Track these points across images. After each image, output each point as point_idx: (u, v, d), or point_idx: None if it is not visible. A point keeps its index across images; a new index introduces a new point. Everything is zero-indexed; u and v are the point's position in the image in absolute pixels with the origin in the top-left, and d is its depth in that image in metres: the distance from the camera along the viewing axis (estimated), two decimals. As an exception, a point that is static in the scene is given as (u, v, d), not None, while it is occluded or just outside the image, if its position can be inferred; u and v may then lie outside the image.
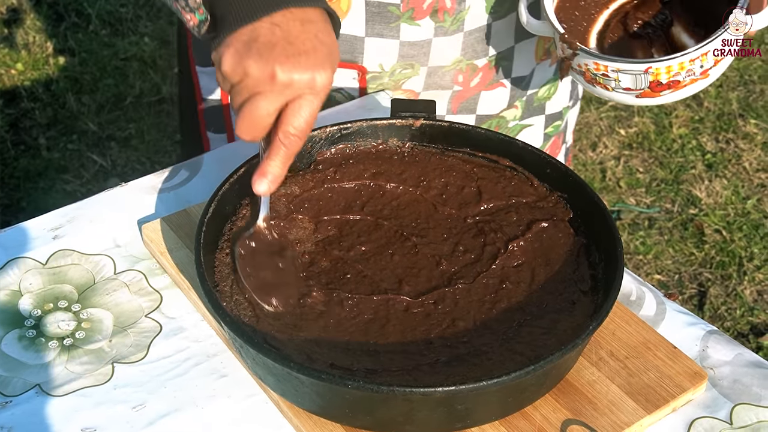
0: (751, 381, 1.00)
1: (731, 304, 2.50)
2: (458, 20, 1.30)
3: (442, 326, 0.97)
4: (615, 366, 0.99)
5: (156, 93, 3.13)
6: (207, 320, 1.05)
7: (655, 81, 1.13)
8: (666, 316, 1.07)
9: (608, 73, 1.15)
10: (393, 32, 1.30)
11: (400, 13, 1.28)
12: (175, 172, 1.24)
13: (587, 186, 1.09)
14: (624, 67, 1.13)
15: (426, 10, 1.28)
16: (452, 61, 1.35)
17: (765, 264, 2.60)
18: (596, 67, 1.15)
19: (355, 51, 1.32)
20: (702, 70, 1.12)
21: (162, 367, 1.00)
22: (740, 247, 2.65)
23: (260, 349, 0.87)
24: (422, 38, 1.31)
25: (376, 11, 1.28)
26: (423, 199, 1.14)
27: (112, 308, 1.06)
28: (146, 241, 1.13)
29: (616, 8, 1.26)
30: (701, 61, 1.12)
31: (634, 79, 1.14)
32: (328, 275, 1.02)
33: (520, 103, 1.46)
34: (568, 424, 0.94)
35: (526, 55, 1.41)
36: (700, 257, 2.64)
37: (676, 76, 1.12)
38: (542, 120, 1.51)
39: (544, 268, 1.04)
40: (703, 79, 1.14)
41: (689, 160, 2.94)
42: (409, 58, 1.33)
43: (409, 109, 1.19)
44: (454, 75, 1.37)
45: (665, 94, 1.15)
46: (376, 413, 0.88)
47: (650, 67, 1.11)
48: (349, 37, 1.31)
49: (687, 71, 1.12)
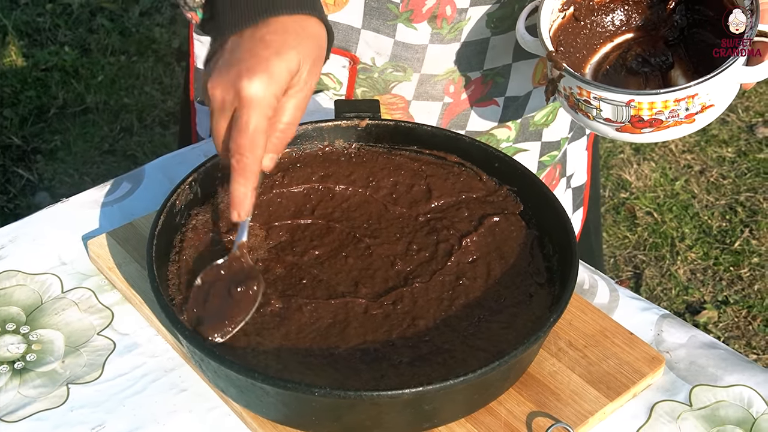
0: (706, 362, 1.02)
1: (666, 285, 2.54)
2: (456, 29, 1.28)
3: (402, 326, 0.96)
4: (574, 356, 1.00)
5: (80, 103, 3.07)
6: (162, 334, 1.03)
7: (637, 116, 1.08)
8: (620, 303, 1.09)
9: (590, 100, 1.10)
10: (389, 30, 1.28)
11: (399, 13, 1.26)
12: (117, 185, 1.22)
13: (536, 178, 1.10)
14: (606, 95, 1.08)
15: (425, 14, 1.26)
16: (445, 71, 1.33)
17: (696, 243, 2.65)
18: (579, 92, 1.11)
19: (349, 40, 1.30)
20: (687, 114, 1.07)
21: (119, 386, 0.98)
22: (671, 228, 2.70)
23: (223, 361, 0.85)
24: (418, 42, 1.29)
25: (375, 6, 1.26)
26: (373, 199, 1.13)
27: (62, 328, 1.04)
28: (93, 257, 1.11)
29: (619, 42, 1.23)
30: (687, 104, 1.07)
31: (615, 111, 1.09)
32: (283, 282, 1.01)
33: (514, 125, 1.44)
34: (533, 417, 0.94)
35: (522, 76, 1.38)
36: (633, 240, 2.68)
37: (658, 114, 1.07)
38: (538, 146, 1.48)
39: (498, 262, 1.05)
40: (687, 123, 1.09)
41: (617, 144, 2.99)
42: (402, 60, 1.31)
43: (353, 110, 1.18)
44: (446, 85, 1.35)
45: (646, 132, 1.10)
46: (343, 419, 0.87)
47: (632, 99, 1.07)
48: (345, 27, 1.29)
49: (671, 111, 1.07)
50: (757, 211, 2.74)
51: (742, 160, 2.94)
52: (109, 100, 3.09)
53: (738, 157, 2.95)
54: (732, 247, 2.64)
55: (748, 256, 2.61)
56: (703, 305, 2.47)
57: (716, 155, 2.95)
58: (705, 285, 2.54)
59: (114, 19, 3.43)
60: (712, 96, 1.07)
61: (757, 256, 2.61)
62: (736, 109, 3.11)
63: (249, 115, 0.89)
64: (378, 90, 1.35)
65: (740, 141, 3.01)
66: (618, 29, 1.23)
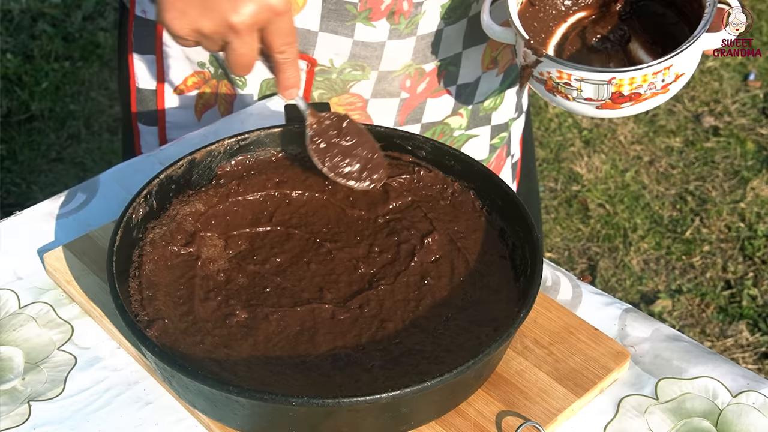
0: (671, 355, 1.03)
1: (620, 275, 2.57)
2: (413, 23, 1.28)
3: (371, 330, 0.96)
4: (541, 353, 1.00)
5: (25, 111, 3.02)
6: (124, 347, 1.01)
7: (618, 92, 1.12)
8: (583, 299, 1.09)
9: (571, 82, 1.13)
10: (347, 30, 1.28)
11: (357, 13, 1.26)
12: (72, 196, 1.20)
13: (494, 174, 1.10)
14: (588, 76, 1.11)
15: (383, 11, 1.26)
16: (402, 66, 1.33)
17: (648, 233, 2.68)
18: (559, 76, 1.13)
19: (307, 43, 1.30)
20: (663, 84, 1.12)
21: (82, 401, 0.96)
22: (623, 219, 2.73)
23: (195, 376, 0.84)
24: (376, 40, 1.29)
25: (333, 8, 1.25)
26: (330, 203, 1.12)
27: (21, 344, 1.02)
28: (50, 271, 1.09)
29: (574, 22, 1.26)
30: (663, 75, 1.11)
31: (596, 89, 1.12)
32: (247, 292, 1.00)
33: (466, 112, 1.45)
34: (503, 416, 0.94)
35: (473, 62, 1.39)
36: (586, 232, 2.70)
37: (638, 88, 1.11)
38: (488, 131, 1.50)
39: (462, 260, 1.04)
40: (663, 93, 1.14)
41: (567, 138, 3.01)
42: (360, 59, 1.31)
43: (305, 113, 1.17)
44: (402, 80, 1.35)
45: (625, 107, 1.14)
46: (319, 427, 0.87)
47: (614, 77, 1.10)
48: (302, 30, 1.28)
49: (649, 84, 1.11)
50: (706, 200, 2.78)
51: (689, 149, 2.98)
52: (54, 107, 3.04)
53: (686, 146, 2.99)
54: (683, 236, 2.67)
55: (699, 244, 2.64)
56: (658, 295, 2.50)
57: (664, 145, 2.99)
58: (658, 274, 2.57)
59: (56, 25, 3.38)
60: (684, 65, 1.12)
61: (708, 244, 2.64)
62: (682, 99, 3.15)
63: (285, 19, 0.98)
64: (336, 91, 1.35)
65: (687, 131, 3.05)
66: (570, 8, 1.26)
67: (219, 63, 1.37)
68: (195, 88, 1.40)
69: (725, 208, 2.74)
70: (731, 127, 3.05)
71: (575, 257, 2.63)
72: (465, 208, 1.10)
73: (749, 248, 2.62)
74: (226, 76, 1.38)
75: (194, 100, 1.41)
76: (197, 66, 1.38)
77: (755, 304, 2.47)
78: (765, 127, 3.04)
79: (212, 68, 1.38)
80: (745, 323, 2.43)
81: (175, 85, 1.40)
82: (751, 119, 3.08)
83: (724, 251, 2.63)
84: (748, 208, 2.75)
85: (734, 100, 3.15)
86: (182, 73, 1.39)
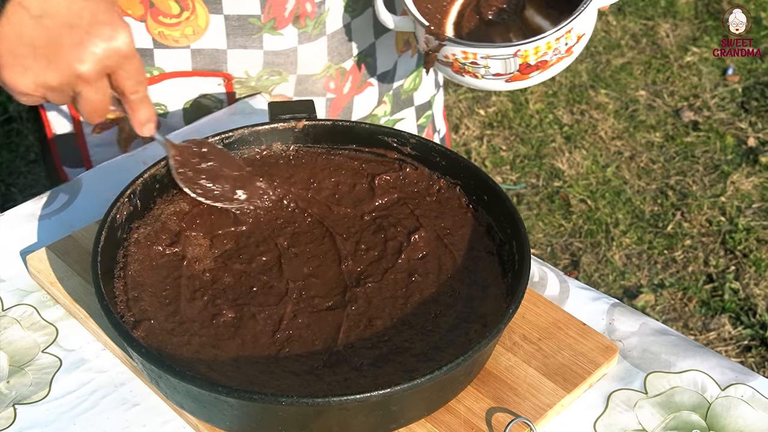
0: (659, 349, 1.03)
1: (603, 271, 2.57)
2: (320, 23, 1.29)
3: (359, 327, 0.95)
4: (529, 349, 1.00)
5: (3, 112, 2.99)
6: (110, 348, 1.00)
7: (524, 63, 1.13)
8: (570, 294, 1.09)
9: (477, 61, 1.13)
10: (256, 43, 1.28)
11: (262, 24, 1.26)
12: (54, 197, 1.19)
13: (480, 170, 1.09)
14: (493, 52, 1.12)
15: (288, 18, 1.26)
16: (322, 68, 1.34)
17: (630, 228, 2.69)
18: (464, 56, 1.14)
19: (218, 62, 1.30)
20: (567, 48, 1.14)
21: (68, 404, 0.95)
22: (605, 215, 2.73)
23: (184, 377, 0.83)
24: (287, 47, 1.29)
25: (236, 24, 1.25)
26: (315, 200, 1.12)
27: (5, 347, 1.01)
28: (33, 273, 1.07)
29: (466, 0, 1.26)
30: (566, 39, 1.13)
31: (504, 64, 1.13)
32: (234, 291, 0.99)
33: (388, 98, 1.46)
34: (493, 413, 0.94)
35: (387, 49, 1.40)
36: (569, 228, 2.70)
37: (543, 56, 1.13)
38: (413, 112, 1.51)
39: (449, 256, 1.04)
40: (567, 56, 1.15)
41: (548, 134, 3.01)
42: (275, 66, 1.31)
43: (288, 111, 1.16)
44: (326, 82, 1.35)
45: (534, 76, 1.15)
46: (310, 426, 0.86)
47: (519, 49, 1.11)
48: (211, 50, 1.28)
49: (554, 50, 1.13)
50: (687, 194, 2.79)
51: (670, 144, 2.98)
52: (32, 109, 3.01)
53: (666, 141, 3.00)
54: (665, 230, 2.68)
55: (681, 238, 2.65)
56: (640, 289, 2.51)
57: (645, 140, 2.99)
58: (641, 269, 2.57)
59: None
60: (584, 26, 1.14)
61: (689, 239, 2.65)
62: (662, 94, 3.16)
63: (134, 61, 0.94)
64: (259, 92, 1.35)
65: (667, 126, 3.05)
66: None
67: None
68: (115, 123, 1.37)
69: (706, 203, 2.75)
70: (711, 122, 3.06)
71: (558, 253, 2.63)
72: (451, 204, 1.10)
73: (730, 242, 2.63)
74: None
75: (116, 135, 1.38)
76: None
77: (737, 298, 2.48)
78: (744, 121, 3.05)
79: None
80: (728, 317, 2.44)
81: (92, 125, 1.37)
82: (730, 113, 3.09)
83: (706, 245, 2.64)
84: (728, 202, 2.76)
85: (713, 95, 3.17)
86: None
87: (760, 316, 2.42)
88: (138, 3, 1.24)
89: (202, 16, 1.25)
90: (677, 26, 3.47)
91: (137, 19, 1.25)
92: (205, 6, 1.24)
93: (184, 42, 1.27)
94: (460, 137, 2.99)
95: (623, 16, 3.51)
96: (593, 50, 3.36)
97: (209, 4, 1.24)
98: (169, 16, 1.24)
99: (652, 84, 3.22)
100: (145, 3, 1.24)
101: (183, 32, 1.26)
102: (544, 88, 3.18)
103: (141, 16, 1.25)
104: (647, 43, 3.41)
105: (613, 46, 3.39)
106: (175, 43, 1.27)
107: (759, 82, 3.19)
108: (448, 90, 3.15)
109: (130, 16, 1.24)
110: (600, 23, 3.50)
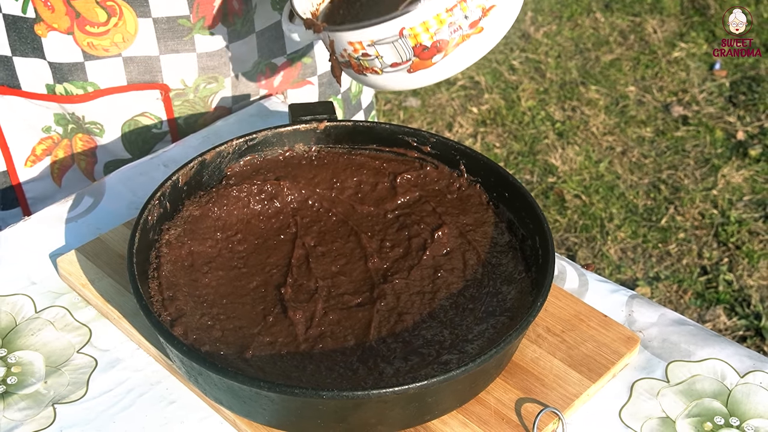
0: (678, 339, 1.06)
1: (599, 265, 2.60)
2: (248, 21, 1.29)
3: (390, 323, 0.98)
4: (553, 341, 1.03)
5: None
6: (144, 348, 1.02)
7: (418, 45, 0.97)
8: (589, 287, 1.12)
9: (367, 51, 1.00)
10: (188, 46, 1.27)
11: (192, 25, 1.25)
12: (79, 200, 1.20)
13: (499, 167, 1.12)
14: (377, 35, 0.97)
15: (216, 16, 1.26)
16: (252, 64, 1.34)
17: (624, 223, 2.72)
18: (354, 49, 1.01)
19: (153, 70, 1.28)
20: (470, 23, 0.96)
21: (106, 402, 0.97)
22: (600, 209, 2.77)
23: (226, 373, 0.85)
24: (219, 47, 1.29)
25: (166, 27, 1.25)
26: (339, 200, 1.14)
27: (40, 348, 1.02)
28: (64, 275, 1.09)
29: None
30: (462, 10, 0.95)
31: (394, 49, 0.98)
32: (264, 289, 1.01)
33: (339, 103, 1.46)
34: (522, 403, 0.96)
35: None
36: (564, 223, 2.74)
37: (439, 33, 0.96)
38: (362, 115, 1.54)
39: (473, 252, 1.07)
40: (477, 34, 0.97)
41: (541, 130, 3.05)
42: (210, 70, 1.31)
43: (308, 113, 1.19)
44: (257, 78, 1.36)
45: (438, 61, 0.99)
46: (348, 419, 0.88)
47: (403, 27, 0.95)
48: (144, 58, 1.27)
49: (449, 24, 0.96)
50: (679, 188, 2.83)
51: (660, 139, 3.02)
52: None
53: (657, 136, 3.03)
54: (659, 224, 2.72)
55: (675, 232, 2.69)
56: (636, 283, 2.54)
57: (636, 135, 3.03)
58: (636, 263, 2.61)
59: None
60: None
61: (683, 232, 2.69)
62: (651, 90, 3.20)
63: None
64: (198, 110, 1.34)
65: (657, 120, 3.09)
66: None
67: (69, 118, 1.31)
68: (46, 154, 1.35)
69: (698, 196, 2.79)
70: (700, 116, 3.10)
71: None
72: (473, 201, 1.12)
73: (723, 234, 2.67)
74: (80, 127, 1.33)
75: (49, 167, 1.36)
76: (42, 132, 1.33)
77: (731, 289, 2.52)
78: (732, 115, 3.10)
79: (60, 128, 1.33)
80: (722, 308, 2.47)
81: (24, 158, 1.35)
82: (718, 107, 3.13)
83: (699, 238, 2.67)
84: (720, 194, 2.80)
85: (701, 90, 3.21)
86: (28, 143, 1.34)
87: (754, 307, 2.46)
88: (64, 15, 1.21)
89: (131, 21, 1.23)
90: (664, 22, 3.52)
91: (64, 32, 1.23)
92: (133, 10, 1.22)
93: (114, 50, 1.26)
94: (453, 135, 3.02)
95: (611, 13, 3.55)
96: (582, 47, 3.40)
97: (136, 8, 1.22)
98: (97, 25, 1.23)
99: (641, 80, 3.26)
100: (70, 14, 1.22)
101: (112, 40, 1.24)
102: (535, 85, 3.22)
103: (68, 28, 1.23)
104: (635, 39, 3.45)
105: (602, 42, 3.43)
106: (105, 53, 1.26)
107: (746, 76, 3.24)
108: (440, 88, 3.18)
109: (56, 30, 1.23)
110: (588, 20, 3.54)
